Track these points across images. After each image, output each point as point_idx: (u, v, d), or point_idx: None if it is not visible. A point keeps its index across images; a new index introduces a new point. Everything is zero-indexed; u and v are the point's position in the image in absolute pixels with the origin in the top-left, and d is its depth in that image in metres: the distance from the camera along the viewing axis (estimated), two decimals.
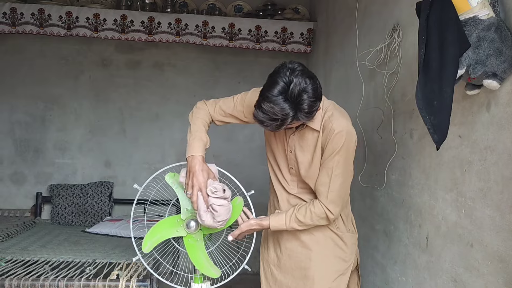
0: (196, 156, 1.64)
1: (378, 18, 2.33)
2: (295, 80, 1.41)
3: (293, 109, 1.43)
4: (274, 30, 3.78)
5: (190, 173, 1.63)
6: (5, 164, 3.84)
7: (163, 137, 3.99)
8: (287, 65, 1.46)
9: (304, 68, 1.48)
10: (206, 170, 1.64)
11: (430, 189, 1.70)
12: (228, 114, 1.78)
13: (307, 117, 1.48)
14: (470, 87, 1.35)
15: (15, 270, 2.17)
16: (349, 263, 1.79)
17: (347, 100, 2.72)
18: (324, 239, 1.75)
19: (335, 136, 1.59)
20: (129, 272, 2.17)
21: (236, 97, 1.78)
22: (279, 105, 1.41)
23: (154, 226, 1.79)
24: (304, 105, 1.43)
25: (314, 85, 1.45)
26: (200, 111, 1.77)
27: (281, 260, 1.80)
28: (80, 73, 3.90)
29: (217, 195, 1.60)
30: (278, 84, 1.42)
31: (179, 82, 3.99)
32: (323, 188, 1.65)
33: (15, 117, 3.84)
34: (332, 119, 1.62)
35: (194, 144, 1.66)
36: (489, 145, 1.34)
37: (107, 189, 3.77)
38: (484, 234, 1.35)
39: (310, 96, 1.43)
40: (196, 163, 1.63)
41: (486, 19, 1.21)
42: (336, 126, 1.60)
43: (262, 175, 3.83)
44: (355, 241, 1.84)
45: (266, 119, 1.45)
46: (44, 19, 3.59)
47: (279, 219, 1.69)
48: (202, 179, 1.61)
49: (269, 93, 1.42)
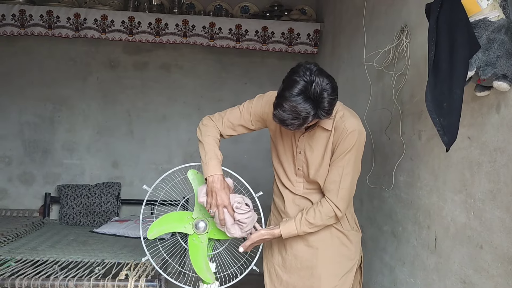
0: (216, 176, 1.68)
1: (386, 19, 2.32)
2: (316, 79, 1.44)
3: (315, 107, 1.46)
4: (281, 31, 3.79)
5: (213, 193, 1.67)
6: (14, 164, 3.88)
7: (170, 138, 4.00)
8: (305, 65, 1.49)
9: (320, 68, 1.51)
10: (227, 187, 1.70)
11: (439, 190, 1.70)
12: (237, 125, 1.80)
13: (328, 114, 1.51)
14: (480, 88, 1.35)
15: (25, 270, 2.19)
16: (354, 261, 1.81)
17: (354, 101, 2.72)
18: (330, 238, 1.77)
19: (348, 136, 1.63)
20: (137, 272, 2.18)
21: (242, 106, 1.80)
22: (301, 104, 1.44)
23: (164, 216, 1.81)
24: (325, 103, 1.46)
25: (333, 83, 1.49)
26: (208, 129, 1.78)
27: (287, 261, 1.81)
28: (88, 74, 3.93)
29: (242, 210, 1.67)
30: (299, 83, 1.45)
31: (186, 83, 4.00)
32: (333, 186, 1.67)
33: (24, 118, 3.88)
34: (344, 119, 1.65)
35: (211, 163, 1.69)
36: (498, 147, 1.33)
37: (114, 190, 3.80)
38: (493, 235, 1.34)
39: (330, 94, 1.46)
40: (217, 182, 1.67)
41: (496, 21, 1.21)
42: (349, 126, 1.64)
43: (269, 177, 3.81)
44: (359, 239, 1.85)
45: (287, 118, 1.47)
46: (52, 20, 3.62)
47: (289, 226, 1.70)
48: (225, 197, 1.67)
49: (290, 92, 1.45)
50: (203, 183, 1.74)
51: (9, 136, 3.86)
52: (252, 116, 1.78)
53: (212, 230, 1.79)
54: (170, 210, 1.92)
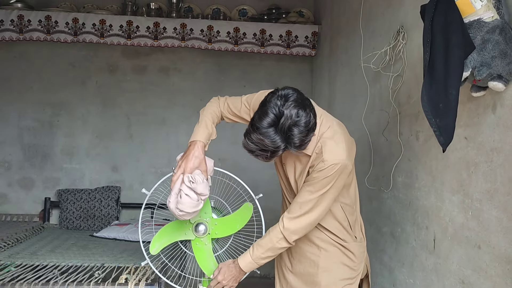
0: (197, 142, 1.61)
1: (383, 20, 2.33)
2: (286, 112, 1.35)
3: (284, 141, 1.38)
4: (279, 33, 3.80)
5: (184, 155, 1.61)
6: (14, 169, 3.88)
7: (170, 141, 4.01)
8: (279, 93, 1.40)
9: (298, 96, 1.41)
10: (199, 158, 1.60)
11: (437, 191, 1.70)
12: (235, 114, 1.76)
13: (298, 149, 1.42)
14: (476, 89, 1.36)
15: (25, 275, 2.19)
16: (357, 272, 1.77)
17: (352, 103, 2.73)
18: (332, 248, 1.73)
19: (323, 168, 1.50)
20: (137, 276, 2.18)
21: (244, 98, 1.75)
22: (269, 137, 1.36)
23: (162, 228, 1.81)
24: (295, 139, 1.38)
25: (306, 117, 1.38)
26: (211, 106, 1.76)
27: (293, 264, 1.80)
28: (87, 78, 3.94)
29: (190, 185, 1.55)
30: (268, 115, 1.37)
31: (185, 86, 4.01)
32: (292, 205, 1.60)
33: (24, 123, 3.88)
34: (324, 149, 1.51)
35: (199, 131, 1.65)
36: (495, 147, 1.34)
37: (114, 194, 3.80)
38: (491, 235, 1.35)
39: (302, 131, 1.37)
40: (193, 148, 1.60)
41: (491, 22, 1.22)
42: (327, 158, 1.50)
43: (268, 179, 3.85)
44: (363, 249, 1.80)
45: (256, 149, 1.41)
46: (51, 25, 3.63)
47: (245, 255, 1.65)
48: (190, 164, 1.57)
49: (259, 124, 1.37)
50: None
51: (8, 141, 3.87)
52: (251, 111, 1.70)
53: (213, 230, 1.79)
54: (169, 213, 1.91)
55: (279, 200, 2.39)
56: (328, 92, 3.47)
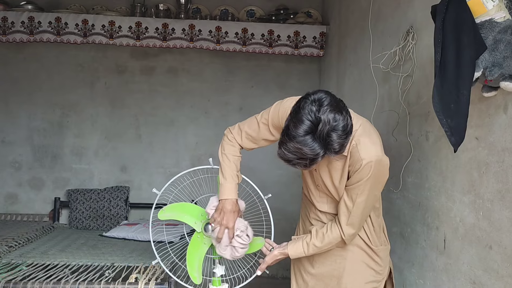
0: (229, 200, 1.66)
1: (392, 21, 2.33)
2: (323, 118, 1.30)
3: (323, 147, 1.32)
4: (287, 34, 3.81)
5: (221, 212, 1.66)
6: (24, 169, 3.92)
7: (178, 142, 4.03)
8: (311, 98, 1.34)
9: (332, 99, 1.35)
10: (237, 211, 1.68)
11: (447, 191, 1.70)
12: (256, 138, 1.70)
13: (337, 154, 1.38)
14: (487, 89, 1.35)
15: (36, 274, 2.21)
16: (383, 275, 1.76)
17: (361, 103, 2.72)
18: (359, 250, 1.72)
19: (363, 167, 1.49)
20: (147, 275, 2.20)
21: (259, 116, 1.68)
22: (307, 145, 1.31)
23: (180, 203, 1.83)
24: (335, 144, 1.32)
25: (344, 121, 1.33)
26: (229, 148, 1.71)
27: (315, 267, 1.78)
28: (96, 79, 3.98)
29: (242, 240, 1.67)
30: (304, 123, 1.31)
31: (193, 87, 4.03)
32: (345, 211, 1.60)
33: (34, 123, 3.93)
34: (360, 147, 1.49)
35: (227, 186, 1.67)
36: (506, 147, 1.33)
37: (123, 194, 3.82)
38: (503, 236, 1.34)
39: (340, 135, 1.32)
40: (229, 205, 1.66)
41: (502, 22, 1.21)
42: (364, 156, 1.48)
43: (277, 180, 3.87)
44: (388, 252, 1.79)
45: (293, 158, 1.35)
46: (61, 27, 3.67)
47: (297, 248, 1.68)
48: (231, 220, 1.65)
49: (295, 132, 1.31)
50: None
51: (18, 141, 3.92)
52: (270, 126, 1.65)
53: None
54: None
55: (287, 201, 2.44)
56: (336, 93, 3.41)
